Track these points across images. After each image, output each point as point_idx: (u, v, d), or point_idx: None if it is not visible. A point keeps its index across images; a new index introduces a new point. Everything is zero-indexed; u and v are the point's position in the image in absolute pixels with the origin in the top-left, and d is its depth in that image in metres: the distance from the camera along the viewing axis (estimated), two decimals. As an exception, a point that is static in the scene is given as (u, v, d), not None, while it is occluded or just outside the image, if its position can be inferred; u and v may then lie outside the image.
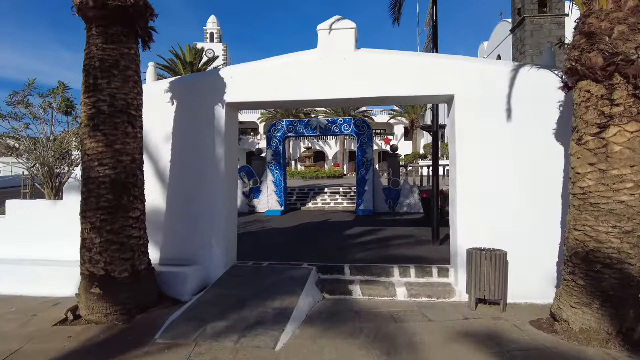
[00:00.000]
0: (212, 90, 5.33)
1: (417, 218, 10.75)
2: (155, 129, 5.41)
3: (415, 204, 11.97)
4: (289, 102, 5.32)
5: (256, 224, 10.22)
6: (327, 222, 10.37)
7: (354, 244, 7.13)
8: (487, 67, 4.98)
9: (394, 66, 5.02)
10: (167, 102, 5.41)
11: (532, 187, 4.71)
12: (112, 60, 4.07)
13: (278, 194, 12.26)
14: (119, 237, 4.15)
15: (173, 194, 5.37)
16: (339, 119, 12.01)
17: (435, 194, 6.90)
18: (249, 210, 12.71)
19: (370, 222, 10.22)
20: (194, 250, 5.28)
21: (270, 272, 5.16)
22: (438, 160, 6.97)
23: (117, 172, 4.13)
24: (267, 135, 12.38)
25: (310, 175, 28.35)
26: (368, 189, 11.80)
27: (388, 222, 10.15)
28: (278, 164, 12.29)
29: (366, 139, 11.89)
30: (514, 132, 4.77)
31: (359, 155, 11.97)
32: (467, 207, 4.82)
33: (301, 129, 12.15)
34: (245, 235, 8.41)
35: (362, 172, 11.89)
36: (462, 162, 4.86)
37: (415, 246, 6.82)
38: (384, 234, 8.16)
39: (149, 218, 5.27)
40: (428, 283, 4.99)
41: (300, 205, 13.65)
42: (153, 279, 4.58)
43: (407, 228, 9.03)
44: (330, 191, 14.64)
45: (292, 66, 5.22)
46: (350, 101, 5.27)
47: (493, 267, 4.29)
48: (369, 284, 4.94)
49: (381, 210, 12.10)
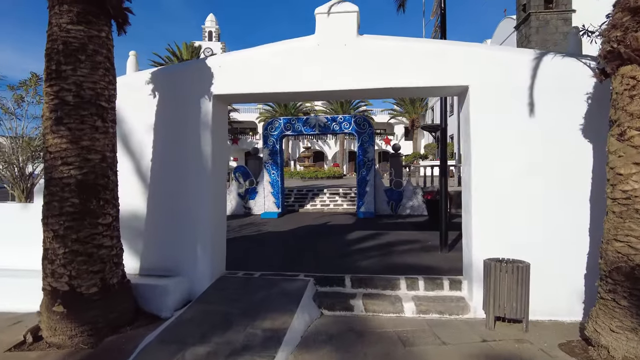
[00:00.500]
0: (198, 81, 4.79)
1: (421, 221, 10.21)
2: (136, 125, 4.87)
3: (419, 205, 11.44)
4: (283, 94, 4.78)
5: (251, 227, 9.67)
6: (325, 225, 9.83)
7: (354, 250, 6.59)
8: (505, 55, 4.45)
9: (400, 54, 4.48)
10: (149, 95, 4.87)
11: (557, 189, 4.18)
12: (77, 44, 3.53)
13: (275, 195, 11.72)
14: (86, 247, 3.60)
15: (155, 195, 4.82)
16: (338, 117, 11.47)
17: (443, 196, 6.37)
18: (245, 212, 12.17)
19: (371, 225, 9.69)
20: (177, 259, 4.74)
21: (262, 284, 4.61)
22: (446, 159, 6.44)
23: (84, 172, 3.59)
24: (263, 134, 11.85)
25: (310, 175, 27.81)
26: (369, 190, 11.27)
27: (390, 226, 9.62)
28: (275, 163, 11.75)
29: (367, 137, 11.36)
30: (536, 128, 4.23)
31: (360, 154, 11.43)
32: (484, 213, 4.28)
33: (299, 127, 11.61)
34: (238, 239, 7.87)
35: (363, 172, 11.36)
36: (478, 162, 4.33)
37: (422, 253, 6.28)
38: (387, 239, 7.62)
39: (127, 223, 4.75)
40: (439, 297, 4.45)
41: (298, 207, 13.11)
42: (128, 293, 4.04)
43: (411, 232, 8.49)
44: (329, 192, 14.10)
45: (287, 54, 4.68)
46: (352, 92, 4.72)
47: (515, 281, 3.76)
48: (372, 298, 4.40)
49: (383, 212, 11.57)
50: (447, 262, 5.55)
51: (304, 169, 30.50)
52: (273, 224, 10.06)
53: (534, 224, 4.20)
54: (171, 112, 4.81)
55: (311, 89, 4.63)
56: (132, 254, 4.83)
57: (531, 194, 4.21)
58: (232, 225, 9.84)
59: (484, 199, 4.29)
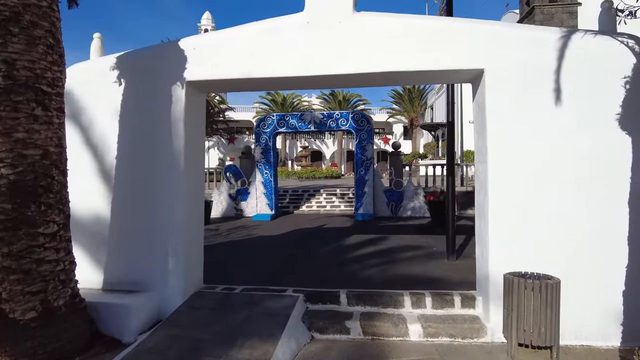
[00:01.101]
0: (169, 66, 4.13)
1: (423, 224, 9.58)
2: (99, 116, 4.22)
3: (420, 207, 10.81)
4: (268, 80, 4.12)
5: (241, 230, 9.01)
6: (321, 228, 9.18)
7: (351, 258, 5.94)
8: (527, 34, 3.80)
9: (403, 33, 3.84)
10: (114, 82, 4.21)
11: (588, 189, 3.54)
12: (8, 12, 2.87)
13: (268, 196, 11.06)
14: (22, 263, 2.95)
15: (120, 197, 4.17)
16: (335, 113, 10.82)
17: (450, 197, 5.73)
18: (236, 214, 11.51)
19: (370, 228, 9.04)
20: (146, 271, 4.09)
21: (244, 301, 3.96)
22: (453, 157, 5.80)
23: (19, 171, 2.93)
24: (255, 131, 11.20)
25: (307, 175, 27.16)
26: (368, 190, 10.63)
27: (391, 229, 8.97)
28: (268, 162, 11.10)
29: (365, 134, 10.71)
30: (564, 118, 3.60)
31: (358, 153, 10.79)
32: (502, 217, 3.64)
33: (293, 124, 10.96)
34: (225, 245, 7.22)
35: (361, 171, 10.72)
36: (495, 159, 3.68)
37: (427, 261, 5.64)
38: (388, 244, 6.98)
39: (89, 229, 4.12)
40: (449, 317, 3.81)
41: (293, 208, 12.46)
42: (80, 315, 3.38)
43: (414, 236, 7.85)
44: (326, 192, 13.46)
45: (272, 34, 4.03)
46: (347, 78, 4.07)
47: (543, 301, 3.12)
48: (372, 318, 3.76)
49: (382, 214, 10.93)
50: (456, 272, 4.92)
51: (301, 169, 29.85)
52: (265, 228, 9.40)
53: (560, 230, 3.56)
54: (139, 102, 4.16)
55: (300, 74, 3.98)
56: (94, 266, 4.18)
57: (557, 195, 3.58)
58: (220, 229, 9.19)
59: (503, 202, 3.65)
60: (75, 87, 4.22)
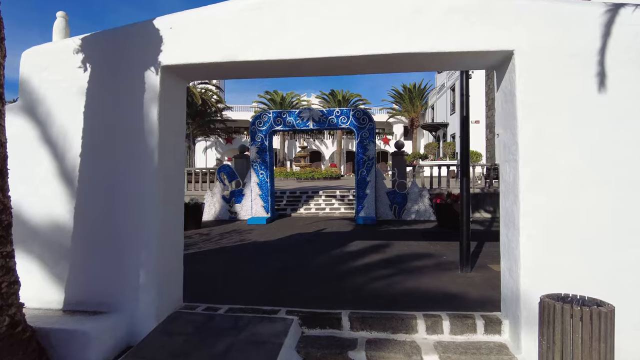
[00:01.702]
0: (142, 49, 3.52)
1: (429, 228, 8.98)
2: (59, 107, 3.61)
3: (425, 210, 10.20)
4: (259, 63, 3.51)
5: (234, 235, 8.40)
6: (320, 233, 8.57)
7: (354, 269, 5.33)
8: (564, 9, 3.20)
9: (418, 8, 3.24)
10: (79, 67, 3.61)
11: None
12: None
13: (263, 197, 10.46)
14: (-59, 287, 2.34)
15: (84, 201, 3.56)
16: (335, 110, 10.22)
17: (465, 200, 5.13)
18: (230, 217, 10.90)
19: (373, 233, 8.45)
20: (114, 288, 3.48)
21: (227, 326, 3.35)
22: (468, 155, 5.19)
23: (-62, 170, 2.32)
24: (250, 129, 10.59)
25: (305, 176, 26.56)
26: (369, 192, 10.02)
27: (395, 234, 8.38)
28: (263, 162, 10.49)
29: (367, 133, 10.11)
30: (612, 108, 3.00)
31: (359, 152, 10.19)
32: (537, 227, 3.04)
33: (291, 121, 10.36)
34: (215, 253, 6.61)
35: (363, 172, 10.11)
36: (528, 156, 3.08)
37: (438, 273, 5.04)
38: (393, 252, 6.39)
39: (48, 239, 3.54)
40: (471, 344, 3.20)
41: (291, 211, 11.85)
42: (24, 347, 2.76)
43: (421, 242, 7.25)
44: (325, 194, 12.85)
45: (264, 9, 3.42)
46: (352, 60, 3.45)
47: (595, 333, 2.51)
48: (379, 347, 3.15)
49: (385, 217, 10.33)
50: (474, 288, 4.32)
51: (299, 170, 29.23)
52: (260, 232, 8.80)
53: (609, 242, 2.97)
54: (107, 91, 3.55)
55: (297, 56, 3.36)
56: (54, 283, 3.57)
57: (605, 200, 2.98)
58: (211, 234, 8.58)
59: (537, 208, 3.05)
60: (32, 74, 3.62)
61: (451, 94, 32.80)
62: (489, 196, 11.02)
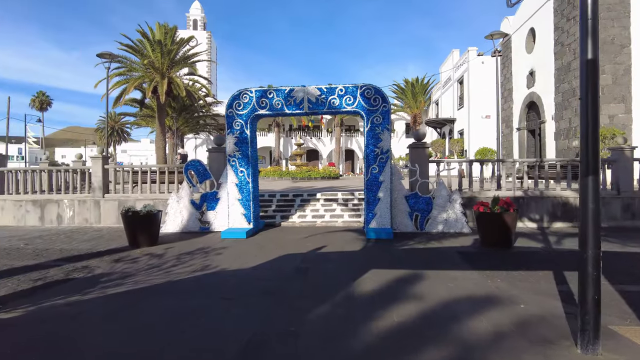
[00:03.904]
0: None
1: (466, 246, 6.52)
2: None
3: (456, 219, 7.76)
4: None
5: (196, 258, 5.91)
6: (317, 255, 6.09)
7: (376, 343, 2.86)
8: None
9: None
10: None
11: None
12: None
13: (244, 203, 7.97)
14: None
15: None
16: (337, 87, 7.73)
17: (592, 220, 2.68)
18: (201, 229, 8.39)
19: (392, 255, 5.98)
20: None
21: None
22: (597, 135, 2.75)
23: None
24: (226, 114, 8.08)
25: (302, 175, 24.07)
26: (383, 196, 7.56)
27: (424, 256, 5.93)
28: (244, 157, 8.00)
29: (380, 118, 7.64)
30: None
31: (370, 144, 7.71)
32: None
33: (279, 103, 7.86)
34: (150, 295, 4.10)
35: (374, 170, 7.64)
36: None
37: (534, 351, 2.58)
38: (433, 294, 3.94)
39: None
40: None
41: (281, 219, 9.37)
42: None
43: (467, 273, 4.80)
44: (324, 197, 10.38)
45: None
46: None
47: None
48: None
49: (403, 228, 7.87)
50: None
51: (295, 169, 26.75)
52: (235, 252, 6.31)
53: None
54: None
55: None
56: None
57: None
58: (166, 256, 6.09)
59: None
60: None
61: (458, 87, 30.43)
62: (534, 200, 8.60)
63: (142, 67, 23.59)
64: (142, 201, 9.62)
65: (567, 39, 14.71)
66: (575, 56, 14.16)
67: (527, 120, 19.06)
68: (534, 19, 17.87)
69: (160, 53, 23.68)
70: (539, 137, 17.97)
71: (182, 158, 22.46)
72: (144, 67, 23.57)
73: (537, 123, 17.87)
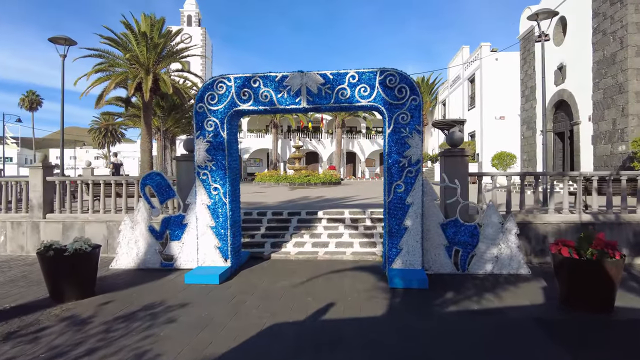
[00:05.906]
0: None
1: (543, 309, 4.34)
2: None
3: (511, 256, 5.61)
4: None
5: (134, 330, 3.70)
6: (322, 331, 3.91)
7: None
8: None
9: None
10: None
11: None
12: None
13: (218, 232, 5.82)
14: None
15: None
16: (348, 74, 5.59)
17: None
18: (162, 265, 6.23)
19: (432, 326, 3.78)
20: None
21: None
22: None
23: None
24: (195, 110, 5.93)
25: (300, 180, 21.94)
26: (411, 224, 5.42)
27: (484, 330, 3.72)
28: (220, 169, 5.85)
29: (407, 115, 5.51)
30: None
31: (392, 151, 5.55)
32: None
33: (267, 95, 5.72)
34: None
35: (399, 188, 5.50)
36: None
37: None
38: None
39: None
40: None
41: (271, 247, 7.21)
42: None
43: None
44: (327, 217, 8.23)
45: None
46: None
47: None
48: None
49: (439, 269, 5.72)
50: None
51: (294, 173, 24.61)
52: (196, 318, 4.14)
53: None
54: None
55: None
56: None
57: None
58: (98, 316, 3.87)
59: None
60: None
61: (469, 86, 28.31)
62: (607, 227, 6.45)
63: (126, 62, 21.45)
64: (93, 224, 7.45)
65: (612, 26, 12.59)
66: (622, 45, 12.04)
67: (555, 121, 16.93)
68: (564, 7, 15.76)
69: (145, 47, 21.51)
70: (569, 141, 15.85)
71: (115, 168, 18.66)
72: (128, 62, 21.43)
73: (569, 124, 15.74)
